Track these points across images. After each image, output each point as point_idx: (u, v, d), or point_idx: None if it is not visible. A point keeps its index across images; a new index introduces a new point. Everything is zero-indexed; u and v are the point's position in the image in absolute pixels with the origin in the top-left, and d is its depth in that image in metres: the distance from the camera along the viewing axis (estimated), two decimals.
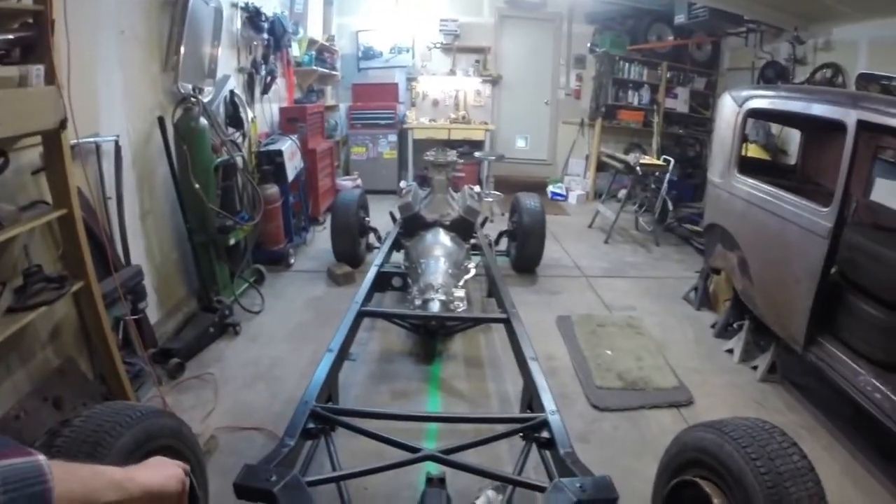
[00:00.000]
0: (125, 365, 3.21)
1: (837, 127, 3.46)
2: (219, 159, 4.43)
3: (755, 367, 4.35)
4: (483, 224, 5.63)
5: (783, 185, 4.10)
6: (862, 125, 3.21)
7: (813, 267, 3.53)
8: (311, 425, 2.37)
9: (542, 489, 1.99)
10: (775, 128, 7.18)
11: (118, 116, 3.73)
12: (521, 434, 2.56)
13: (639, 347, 4.61)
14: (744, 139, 4.74)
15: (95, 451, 1.64)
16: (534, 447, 2.58)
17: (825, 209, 3.47)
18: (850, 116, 3.28)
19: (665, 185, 7.36)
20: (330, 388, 2.88)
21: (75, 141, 2.91)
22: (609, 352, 4.49)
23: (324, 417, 2.43)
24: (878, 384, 3.21)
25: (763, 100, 4.35)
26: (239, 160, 4.75)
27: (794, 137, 6.35)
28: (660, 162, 7.46)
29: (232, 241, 4.51)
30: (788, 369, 4.23)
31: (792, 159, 6.05)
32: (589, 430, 3.59)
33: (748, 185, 4.30)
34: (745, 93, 4.59)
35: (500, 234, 6.16)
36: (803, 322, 3.66)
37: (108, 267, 3.09)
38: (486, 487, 2.89)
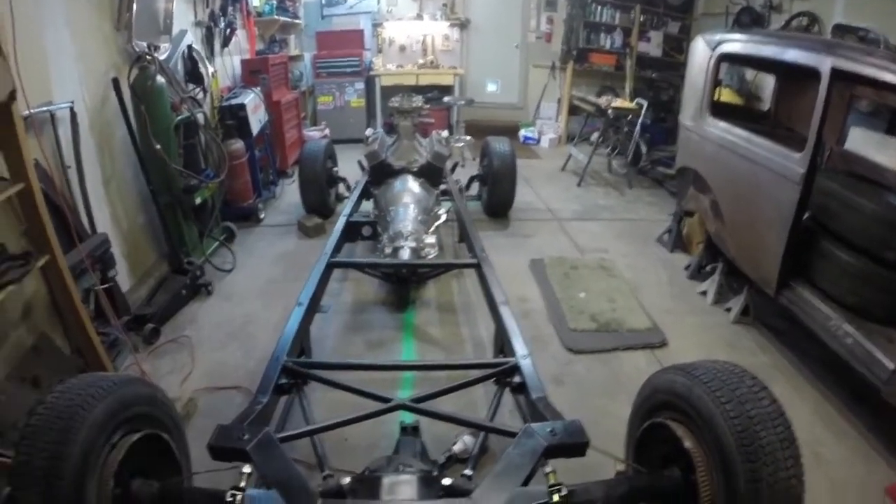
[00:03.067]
0: (100, 336, 3.15)
1: (811, 74, 3.42)
2: (179, 117, 4.27)
3: (728, 310, 4.41)
4: (453, 169, 5.56)
5: (756, 130, 4.09)
6: (836, 73, 3.18)
7: (785, 212, 3.55)
8: (283, 381, 2.36)
9: (513, 434, 1.99)
10: (749, 73, 7.11)
11: (71, 81, 3.55)
12: (493, 379, 2.56)
13: (612, 289, 4.64)
14: (716, 83, 4.70)
15: (70, 425, 1.60)
16: (507, 392, 2.59)
17: (798, 155, 3.47)
18: (824, 63, 3.25)
19: (638, 128, 7.31)
20: (302, 341, 2.86)
21: (28, 112, 2.79)
22: (582, 294, 4.51)
23: (295, 372, 2.41)
24: (848, 329, 3.28)
25: (736, 44, 4.30)
26: (200, 117, 4.60)
27: (767, 83, 6.28)
28: (632, 105, 7.39)
29: (198, 201, 4.39)
30: (761, 312, 4.30)
31: (765, 105, 6.00)
32: (563, 372, 3.63)
33: (720, 129, 4.29)
34: (717, 37, 4.53)
35: (471, 179, 6.10)
36: (775, 266, 3.70)
37: (72, 239, 3.00)
38: (463, 433, 2.92)
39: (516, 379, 2.50)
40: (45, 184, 2.92)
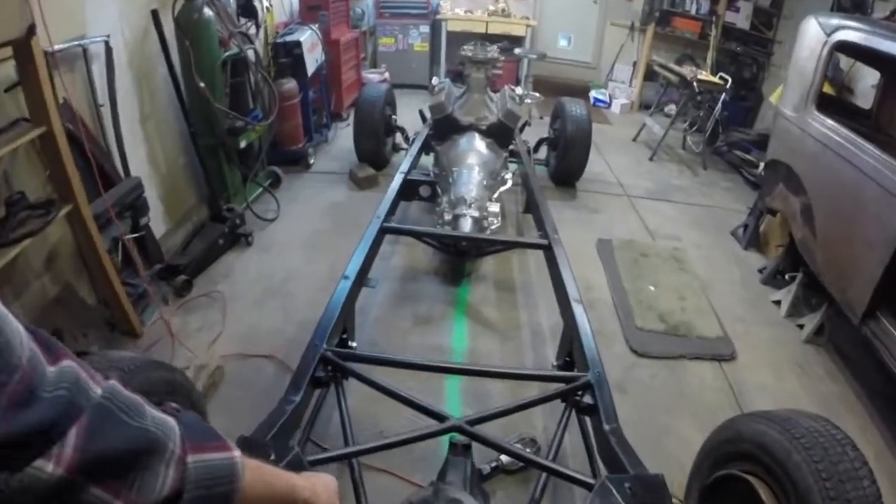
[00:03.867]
0: (127, 287, 2.95)
1: None
2: (227, 53, 3.91)
3: (801, 326, 4.04)
4: (522, 129, 5.09)
5: (867, 135, 3.57)
6: None
7: (891, 236, 3.11)
8: (320, 373, 2.05)
9: (583, 484, 1.71)
10: (845, 61, 6.38)
11: (109, 14, 3.24)
12: (561, 399, 2.22)
13: (682, 285, 4.26)
14: (826, 74, 4.15)
15: None
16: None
17: None
18: None
19: (719, 105, 6.70)
20: (345, 320, 2.54)
21: (55, 47, 2.52)
22: (652, 287, 4.16)
23: (335, 364, 2.09)
24: None
25: (857, 33, 3.69)
26: (251, 54, 4.21)
27: (864, 75, 5.61)
28: (717, 80, 6.76)
29: (243, 144, 4.07)
30: (836, 334, 3.92)
31: (857, 99, 5.45)
32: (626, 377, 3.35)
33: (826, 127, 3.76)
34: (835, 21, 3.95)
35: (540, 142, 5.64)
36: (867, 293, 3.30)
37: (99, 185, 2.77)
38: (513, 440, 2.65)
39: (586, 399, 2.17)
40: (73, 125, 2.68)
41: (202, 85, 3.61)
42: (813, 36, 4.09)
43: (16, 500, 0.55)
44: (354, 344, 2.70)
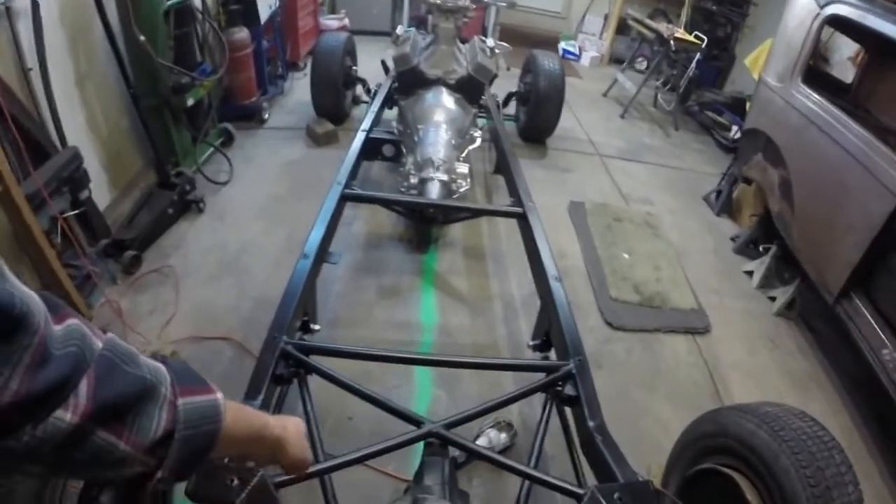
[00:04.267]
0: (71, 269, 2.68)
1: None
2: (170, 2, 3.47)
3: (772, 298, 4.03)
4: (491, 82, 4.75)
5: (846, 110, 3.47)
6: None
7: (872, 221, 3.06)
8: (281, 370, 1.84)
9: (570, 493, 1.59)
10: (825, 31, 6.26)
11: None
12: (542, 391, 2.07)
13: (657, 253, 4.18)
14: (816, 47, 4.03)
15: None
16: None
17: None
18: None
19: (693, 65, 6.54)
20: (306, 303, 2.31)
21: None
22: (626, 255, 4.06)
23: (298, 360, 1.88)
24: None
25: (853, 9, 3.50)
26: (197, 1, 3.79)
27: (840, 46, 5.51)
28: (693, 39, 6.56)
29: (191, 102, 3.70)
30: (806, 309, 3.92)
31: (833, 70, 5.39)
32: (601, 351, 3.27)
33: (812, 101, 3.64)
34: None
35: (510, 96, 5.38)
36: (844, 274, 3.28)
37: (28, 161, 2.45)
38: (488, 426, 2.53)
39: (568, 390, 2.02)
40: None
41: (142, 38, 3.20)
42: (804, 6, 3.93)
43: (38, 448, 0.61)
44: (317, 326, 2.49)
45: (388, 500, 2.18)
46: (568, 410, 2.09)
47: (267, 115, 4.99)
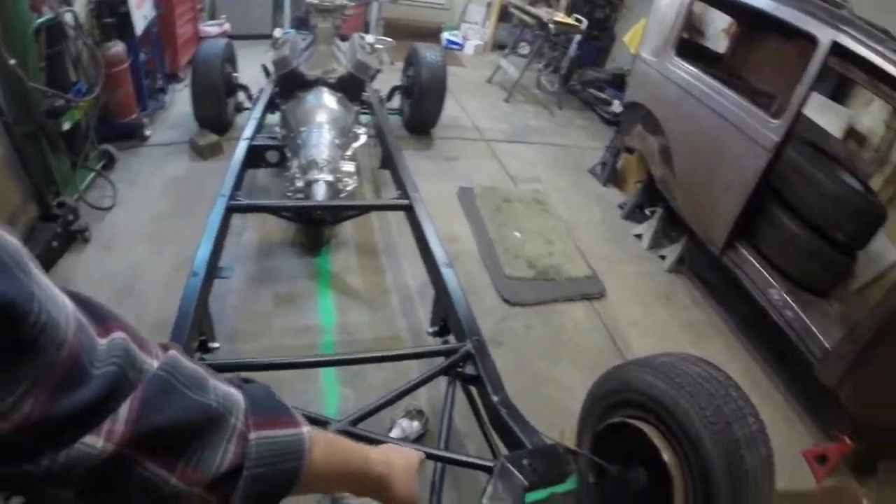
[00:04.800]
0: None
1: (793, 33, 3.29)
2: (40, 20, 3.27)
3: (663, 257, 4.31)
4: (373, 78, 4.82)
5: (721, 79, 3.77)
6: (836, 48, 2.99)
7: (748, 177, 3.39)
8: None
9: (483, 468, 1.68)
10: (697, 5, 6.67)
11: None
12: (444, 374, 2.18)
13: (548, 229, 4.35)
14: (688, 23, 4.36)
15: None
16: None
17: (775, 122, 3.26)
18: (825, 35, 3.03)
19: (574, 46, 6.82)
20: (201, 322, 2.30)
21: None
22: (517, 234, 4.21)
23: None
24: (789, 300, 3.28)
25: None
26: (69, 17, 3.59)
27: (713, 19, 5.89)
28: (573, 21, 6.83)
29: (67, 125, 3.51)
30: (695, 262, 4.21)
31: (707, 41, 5.76)
32: (500, 329, 3.38)
33: (686, 73, 3.93)
34: None
35: (393, 90, 5.45)
36: (726, 228, 3.58)
37: None
38: (399, 417, 2.59)
39: (469, 370, 2.14)
40: None
41: (13, 62, 3.02)
42: None
43: (62, 474, 0.53)
44: (216, 344, 2.47)
45: None
46: (474, 390, 2.20)
47: (149, 132, 4.80)
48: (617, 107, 6.34)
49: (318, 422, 1.80)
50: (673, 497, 1.88)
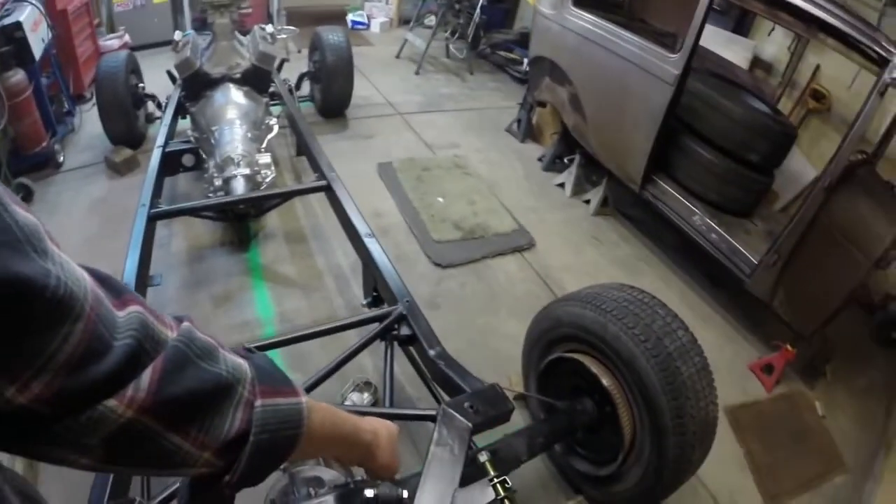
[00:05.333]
0: None
1: None
2: None
3: (587, 201, 4.48)
4: (280, 67, 4.82)
5: (623, 24, 3.91)
6: None
7: (655, 112, 3.54)
8: None
9: (428, 418, 1.76)
10: None
11: None
12: (380, 338, 2.29)
13: (470, 190, 4.48)
14: None
15: None
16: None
17: (673, 56, 3.40)
18: None
19: (478, 10, 6.89)
20: None
21: None
22: (440, 199, 4.32)
23: None
24: (713, 224, 3.48)
25: None
26: None
27: None
28: None
29: None
30: (619, 202, 4.40)
31: None
32: (436, 292, 3.50)
33: (585, 21, 4.04)
34: None
35: (301, 77, 5.44)
36: (641, 164, 3.74)
37: None
38: (349, 390, 2.68)
39: (404, 331, 2.25)
40: None
41: None
42: None
43: (77, 438, 0.56)
44: None
45: None
46: (413, 350, 2.31)
47: (62, 158, 4.69)
48: (527, 65, 6.47)
49: None
50: (620, 419, 1.99)
